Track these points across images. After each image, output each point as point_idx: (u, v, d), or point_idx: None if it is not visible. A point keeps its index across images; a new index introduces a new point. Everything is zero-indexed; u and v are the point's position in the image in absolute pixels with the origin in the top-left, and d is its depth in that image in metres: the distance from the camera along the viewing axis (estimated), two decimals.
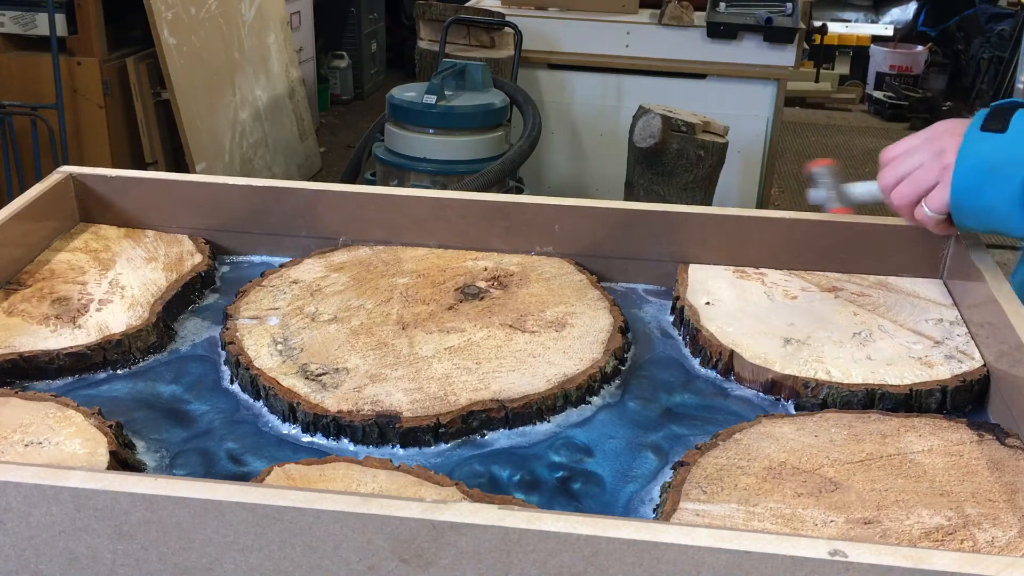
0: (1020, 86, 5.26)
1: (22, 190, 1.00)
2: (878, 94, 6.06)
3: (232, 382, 0.83)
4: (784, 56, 3.31)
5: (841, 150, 5.32)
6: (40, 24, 3.03)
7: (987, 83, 5.69)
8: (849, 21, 6.86)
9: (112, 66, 3.16)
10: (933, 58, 6.30)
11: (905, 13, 6.94)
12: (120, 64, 3.19)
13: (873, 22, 6.92)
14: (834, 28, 6.39)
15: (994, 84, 5.59)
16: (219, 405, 0.80)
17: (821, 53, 6.11)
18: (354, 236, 1.04)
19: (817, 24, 5.93)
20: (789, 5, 3.31)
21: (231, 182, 1.03)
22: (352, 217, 1.03)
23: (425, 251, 1.02)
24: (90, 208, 1.05)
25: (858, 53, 6.48)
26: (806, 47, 5.68)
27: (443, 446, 0.75)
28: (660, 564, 0.52)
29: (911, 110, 5.83)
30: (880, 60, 6.23)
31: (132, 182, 1.05)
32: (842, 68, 6.42)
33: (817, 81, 6.09)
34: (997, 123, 0.81)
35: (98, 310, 0.88)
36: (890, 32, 6.76)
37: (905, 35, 6.71)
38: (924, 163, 0.85)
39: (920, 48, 6.27)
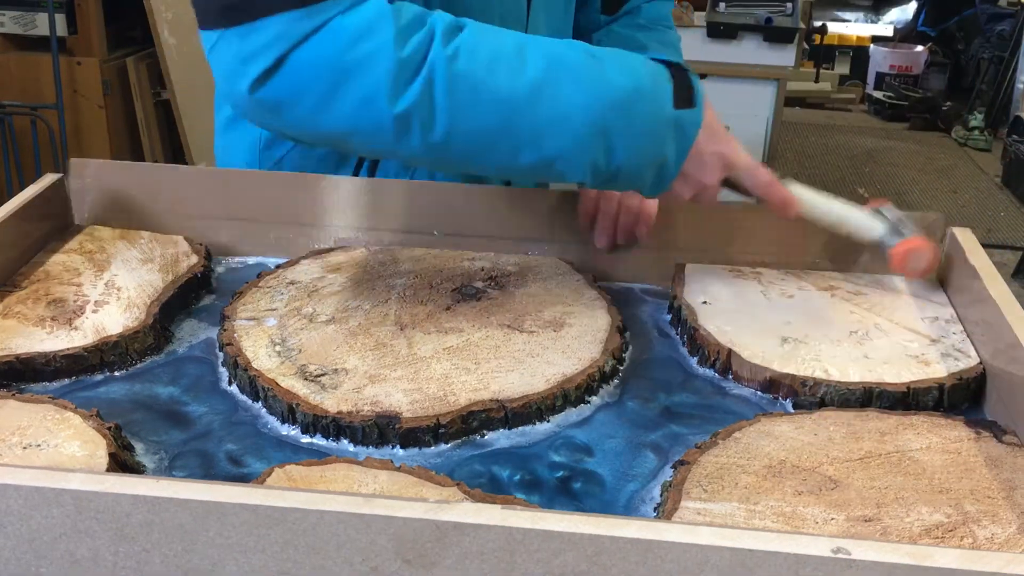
0: (1020, 86, 5.26)
1: (22, 190, 1.00)
2: (878, 94, 6.06)
3: (230, 383, 0.83)
4: (784, 56, 3.32)
5: (841, 150, 5.32)
6: (40, 24, 3.03)
7: (987, 83, 5.69)
8: (849, 21, 6.87)
9: (112, 66, 3.16)
10: (933, 58, 6.31)
11: (905, 13, 6.95)
12: (120, 64, 3.19)
13: (873, 22, 6.92)
14: (834, 28, 6.39)
15: (994, 84, 5.60)
16: (217, 406, 0.80)
17: (821, 53, 6.11)
18: (352, 236, 1.04)
19: (817, 24, 5.93)
20: (789, 5, 3.32)
21: (229, 181, 1.03)
22: (350, 217, 1.03)
23: (423, 251, 1.02)
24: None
25: (858, 53, 6.48)
26: (806, 47, 5.69)
27: (443, 446, 0.75)
28: (663, 563, 0.52)
29: (911, 110, 5.84)
30: (880, 60, 6.23)
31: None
32: (842, 68, 6.42)
33: (817, 81, 6.10)
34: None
35: (94, 311, 0.88)
36: (890, 32, 6.76)
37: (905, 35, 6.72)
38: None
39: (920, 48, 6.28)
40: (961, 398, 0.81)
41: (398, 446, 0.74)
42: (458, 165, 0.87)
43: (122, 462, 0.69)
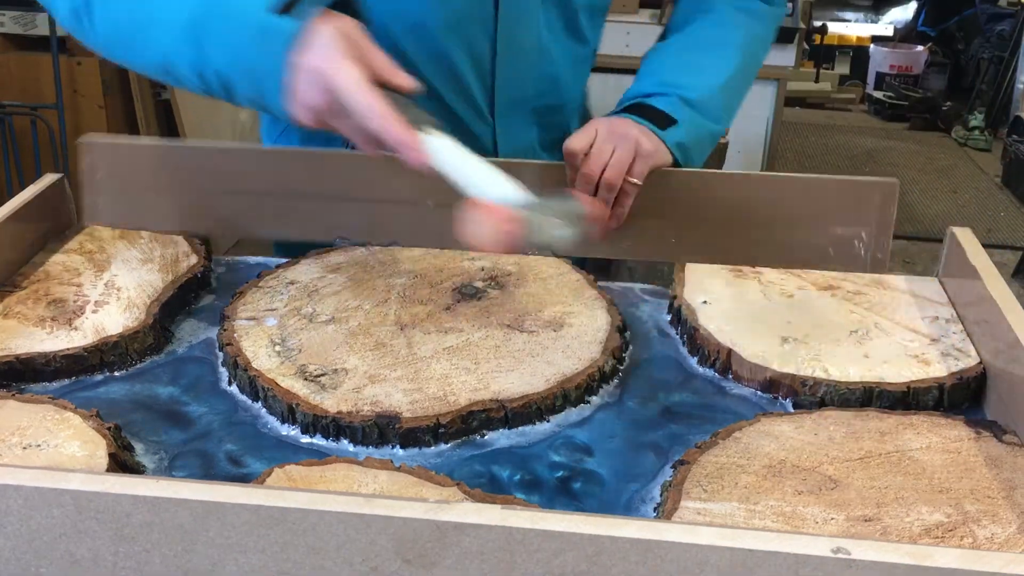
0: (1020, 86, 5.26)
1: (22, 190, 1.00)
2: (878, 94, 6.06)
3: (230, 383, 0.83)
4: (784, 56, 3.31)
5: (841, 150, 5.32)
6: (40, 24, 3.03)
7: (987, 83, 5.69)
8: (849, 21, 6.86)
9: (112, 66, 3.16)
10: (933, 58, 6.31)
11: (905, 13, 6.95)
12: None
13: (873, 22, 6.92)
14: (834, 28, 6.39)
15: (994, 84, 5.59)
16: (217, 406, 0.80)
17: (821, 53, 6.11)
18: (351, 237, 1.04)
19: (817, 24, 5.93)
20: (789, 5, 3.32)
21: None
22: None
23: (422, 251, 1.02)
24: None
25: (858, 53, 6.48)
26: (806, 47, 5.69)
27: (443, 446, 0.75)
28: (663, 563, 0.52)
29: (911, 110, 5.84)
30: (880, 60, 6.23)
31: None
32: (842, 68, 6.42)
33: (817, 81, 6.09)
34: (665, 122, 1.01)
35: (94, 312, 0.88)
36: (890, 32, 6.76)
37: (905, 35, 6.72)
38: (617, 148, 0.98)
39: (920, 48, 6.28)
40: (961, 398, 0.81)
41: (398, 446, 0.75)
42: (127, 61, 0.88)
43: (122, 462, 0.69)
